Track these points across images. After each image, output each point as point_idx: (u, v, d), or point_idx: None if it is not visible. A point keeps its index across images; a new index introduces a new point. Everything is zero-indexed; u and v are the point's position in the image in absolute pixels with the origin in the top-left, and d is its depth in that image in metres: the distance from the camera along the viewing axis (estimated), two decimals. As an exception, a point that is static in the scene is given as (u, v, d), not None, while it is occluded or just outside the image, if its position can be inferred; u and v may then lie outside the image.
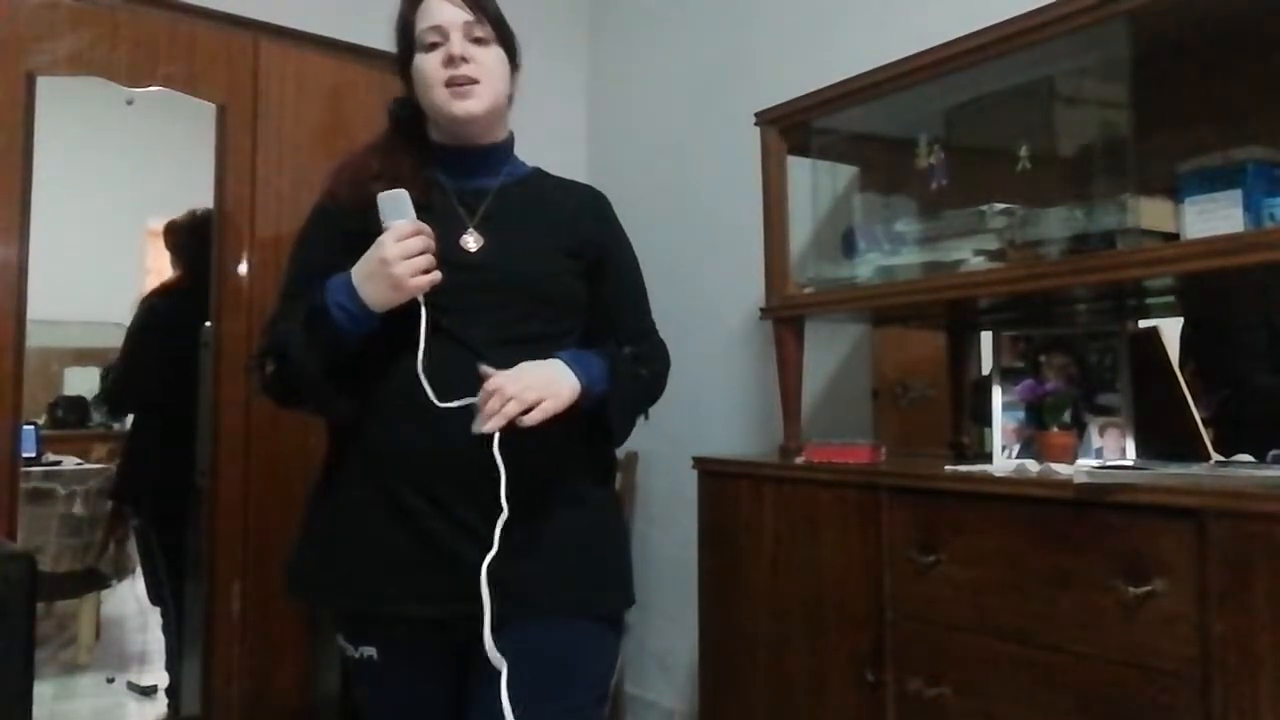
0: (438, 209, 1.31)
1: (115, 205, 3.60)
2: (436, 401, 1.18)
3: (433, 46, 1.30)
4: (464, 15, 1.30)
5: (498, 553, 1.18)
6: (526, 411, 1.17)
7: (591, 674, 1.29)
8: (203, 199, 2.55)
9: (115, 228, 3.66)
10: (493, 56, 1.33)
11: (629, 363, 1.34)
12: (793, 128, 2.02)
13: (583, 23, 3.30)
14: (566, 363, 1.24)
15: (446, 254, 1.25)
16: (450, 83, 1.28)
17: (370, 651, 1.28)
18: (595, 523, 1.31)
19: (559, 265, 1.33)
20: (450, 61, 1.28)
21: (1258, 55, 1.50)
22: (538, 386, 1.19)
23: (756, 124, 2.07)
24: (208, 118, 2.48)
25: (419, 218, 1.27)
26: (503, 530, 1.18)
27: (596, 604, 1.29)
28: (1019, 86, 1.71)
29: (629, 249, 1.45)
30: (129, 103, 2.74)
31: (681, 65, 2.92)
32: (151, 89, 2.42)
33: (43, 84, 2.25)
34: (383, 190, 1.24)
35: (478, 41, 1.31)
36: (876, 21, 2.30)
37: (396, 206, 1.22)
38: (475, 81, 1.29)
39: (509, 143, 1.42)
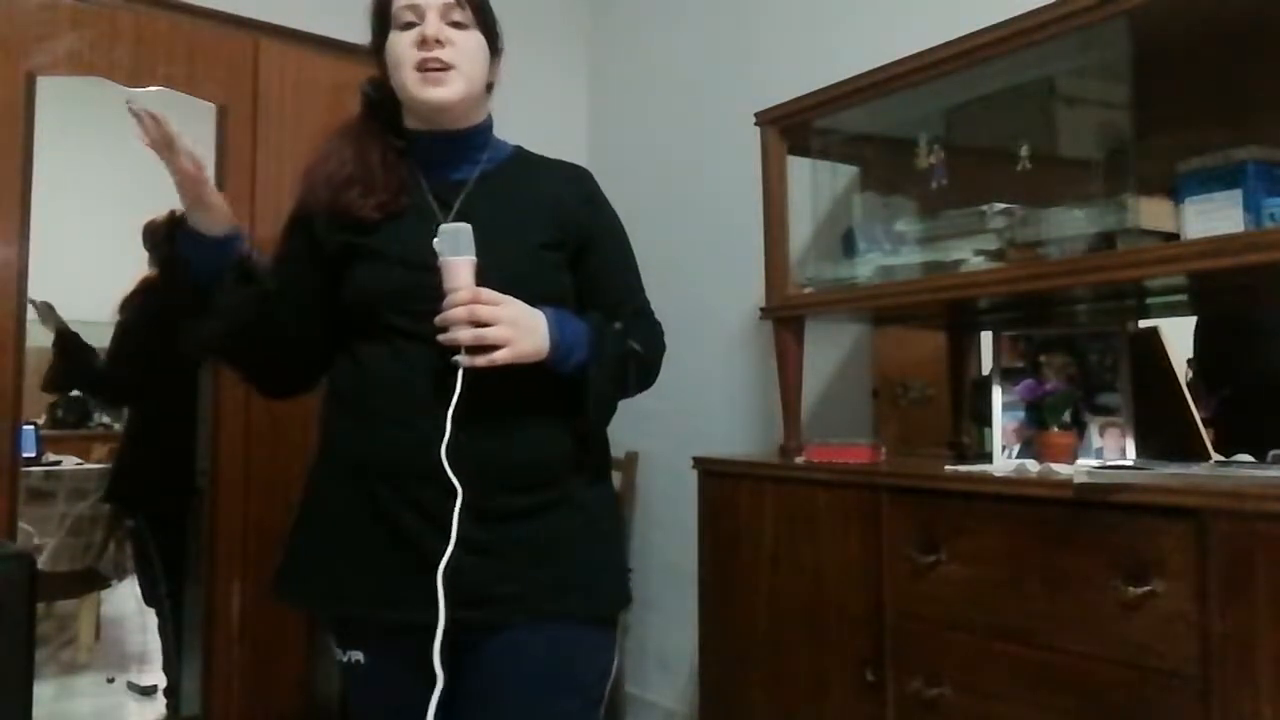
0: (410, 209, 1.28)
1: (115, 205, 3.59)
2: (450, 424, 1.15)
3: (408, 26, 1.25)
4: None
5: (490, 556, 1.18)
6: (481, 351, 1.14)
7: (587, 678, 1.27)
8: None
9: (115, 228, 3.66)
10: (471, 42, 1.27)
11: (617, 335, 1.27)
12: (793, 128, 2.02)
13: (583, 22, 3.30)
14: (549, 321, 1.20)
15: (418, 256, 1.21)
16: (422, 66, 1.24)
17: (358, 656, 1.26)
18: (588, 524, 1.28)
19: (539, 260, 1.28)
20: (424, 43, 1.23)
21: (1257, 55, 1.50)
22: (509, 326, 1.15)
23: (756, 124, 2.06)
24: (208, 118, 2.48)
25: (386, 225, 1.26)
26: (497, 532, 1.18)
27: (591, 607, 1.26)
28: (1019, 86, 1.71)
29: (617, 227, 1.39)
30: (129, 103, 2.74)
31: (681, 65, 2.93)
32: (151, 89, 2.42)
33: (43, 84, 2.25)
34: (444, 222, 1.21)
35: (455, 25, 1.25)
36: (876, 21, 2.30)
37: (455, 242, 1.17)
38: (448, 67, 1.24)
39: (487, 126, 1.36)
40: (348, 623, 1.27)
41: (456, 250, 1.16)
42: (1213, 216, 1.36)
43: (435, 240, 1.16)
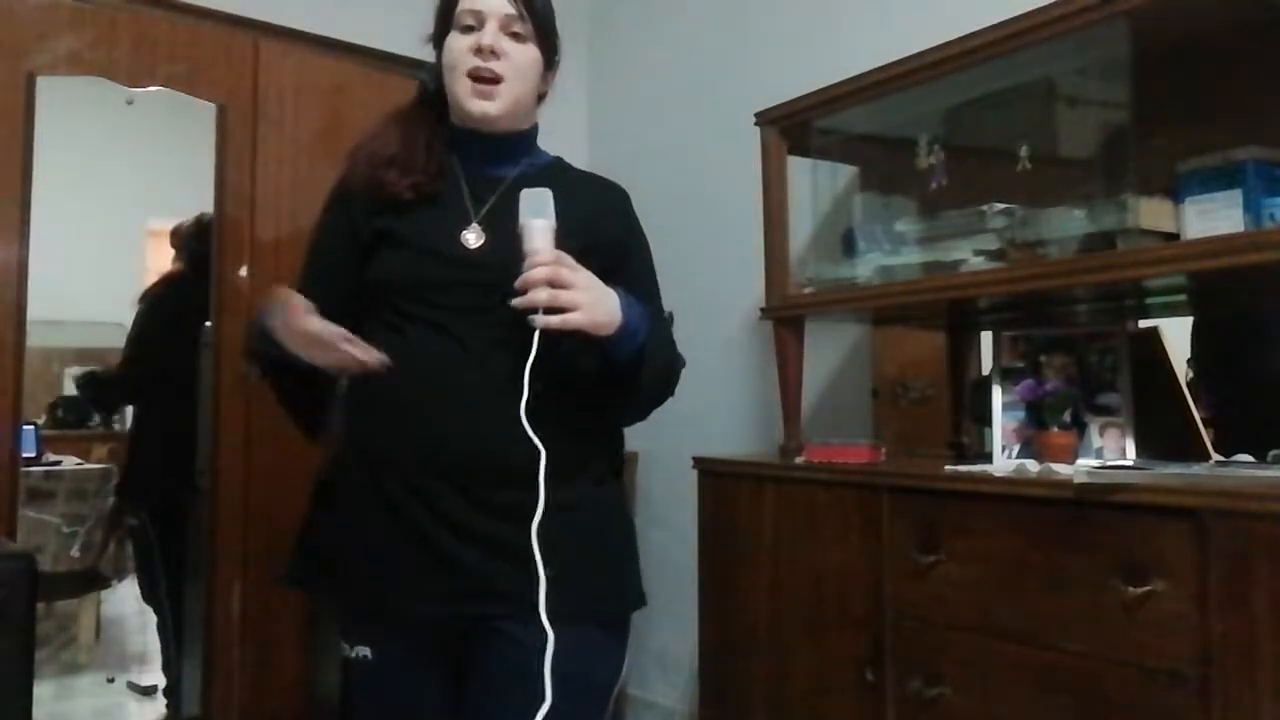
0: (444, 198, 1.29)
1: (115, 205, 3.60)
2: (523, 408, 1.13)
3: (467, 29, 1.26)
4: (506, 8, 1.26)
5: (503, 553, 1.17)
6: (554, 312, 1.12)
7: (597, 678, 1.26)
8: (203, 199, 2.55)
9: (115, 228, 3.66)
10: (525, 56, 1.29)
11: (668, 331, 1.30)
12: (793, 128, 2.02)
13: (583, 22, 3.30)
14: (620, 300, 1.19)
15: (445, 248, 1.23)
16: (474, 75, 1.25)
17: (365, 652, 1.26)
18: (600, 523, 1.28)
19: None
20: (479, 51, 1.25)
21: (1257, 55, 1.50)
22: (584, 292, 1.14)
23: (756, 124, 2.07)
24: (208, 118, 2.48)
25: (419, 212, 1.26)
26: (510, 530, 1.17)
27: (604, 608, 1.26)
28: (1019, 86, 1.71)
29: (646, 249, 1.41)
30: (129, 103, 2.74)
31: (681, 65, 2.92)
32: (151, 89, 2.42)
33: (43, 84, 2.25)
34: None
35: (514, 37, 1.27)
36: (876, 21, 2.30)
37: (538, 206, 1.16)
38: (498, 80, 1.26)
39: (531, 133, 1.38)
40: (358, 617, 1.28)
41: (539, 214, 1.16)
42: (1213, 216, 1.36)
43: (520, 204, 1.16)
